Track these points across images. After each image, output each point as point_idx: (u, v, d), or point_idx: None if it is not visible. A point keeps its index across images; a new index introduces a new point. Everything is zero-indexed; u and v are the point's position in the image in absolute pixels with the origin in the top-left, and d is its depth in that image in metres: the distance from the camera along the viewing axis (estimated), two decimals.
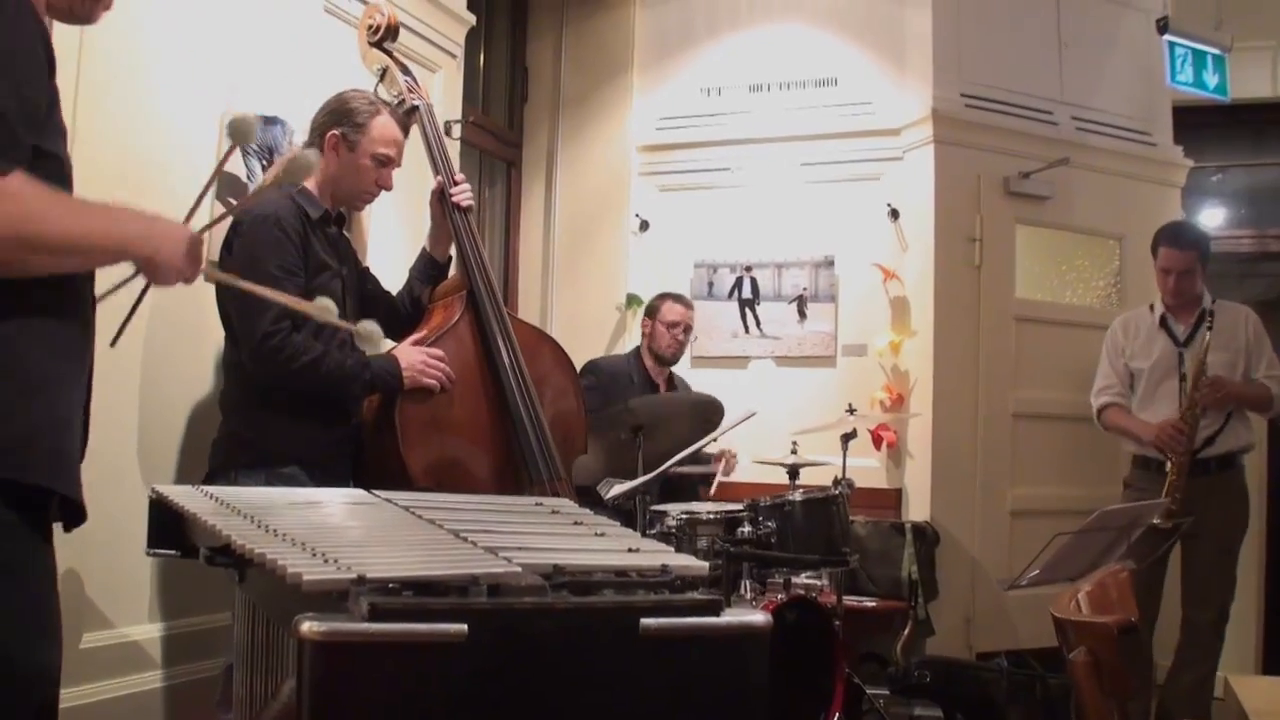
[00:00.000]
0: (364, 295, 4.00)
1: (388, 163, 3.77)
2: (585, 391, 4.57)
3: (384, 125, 3.74)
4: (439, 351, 3.81)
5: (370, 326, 2.86)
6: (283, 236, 3.48)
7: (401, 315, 4.10)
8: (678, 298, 6.20)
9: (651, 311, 6.17)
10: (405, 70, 4.17)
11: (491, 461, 3.88)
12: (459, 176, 4.16)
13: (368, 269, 4.17)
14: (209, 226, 2.64)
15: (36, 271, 2.07)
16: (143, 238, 2.23)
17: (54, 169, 2.17)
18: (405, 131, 3.89)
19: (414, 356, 3.76)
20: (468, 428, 3.83)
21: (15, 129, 2.05)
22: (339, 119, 3.71)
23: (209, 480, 3.46)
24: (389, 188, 3.87)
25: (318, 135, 3.72)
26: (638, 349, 6.22)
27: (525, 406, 3.90)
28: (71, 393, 2.24)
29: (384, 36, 4.16)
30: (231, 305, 3.48)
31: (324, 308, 2.81)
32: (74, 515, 2.27)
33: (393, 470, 3.62)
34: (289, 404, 3.52)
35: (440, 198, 4.11)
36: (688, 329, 6.10)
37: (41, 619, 2.16)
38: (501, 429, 3.86)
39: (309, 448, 3.54)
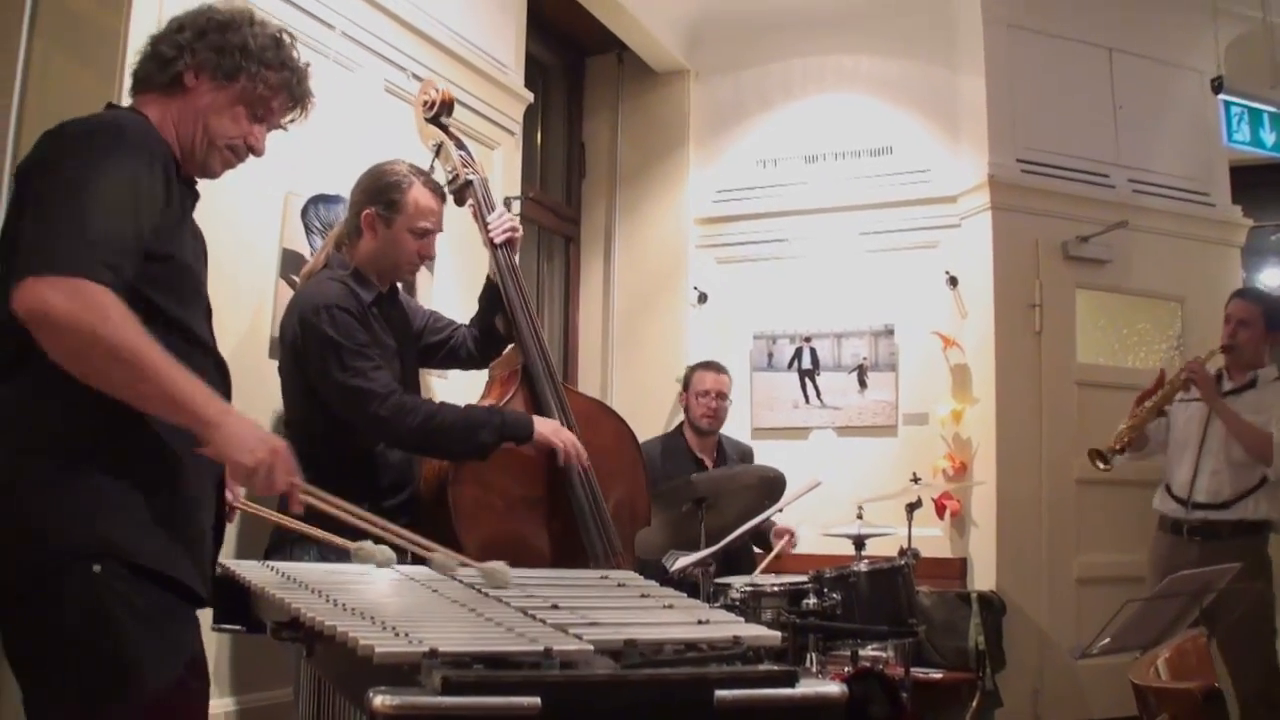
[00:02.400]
0: (422, 351, 4.03)
1: (426, 233, 3.73)
2: None
3: (419, 197, 3.69)
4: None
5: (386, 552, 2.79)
6: (348, 317, 3.49)
7: (476, 344, 4.11)
8: (708, 365, 6.09)
9: (685, 384, 6.09)
10: (460, 145, 4.16)
11: (548, 538, 3.83)
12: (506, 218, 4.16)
13: (430, 313, 4.16)
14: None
15: (102, 380, 2.20)
16: (210, 409, 2.27)
17: (166, 271, 2.42)
18: (443, 198, 3.85)
19: (552, 422, 3.77)
20: (523, 505, 3.78)
21: (126, 254, 2.26)
22: (374, 196, 3.68)
23: (268, 556, 3.45)
24: (431, 256, 3.84)
25: (355, 213, 3.71)
26: (680, 425, 6.12)
27: (581, 481, 3.87)
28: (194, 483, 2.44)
29: (439, 112, 4.15)
30: (327, 385, 3.46)
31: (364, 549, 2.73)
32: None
33: (448, 548, 3.57)
34: (341, 477, 3.44)
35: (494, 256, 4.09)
36: (720, 395, 5.94)
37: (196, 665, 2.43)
38: (558, 505, 3.81)
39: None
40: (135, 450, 2.31)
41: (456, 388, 4.66)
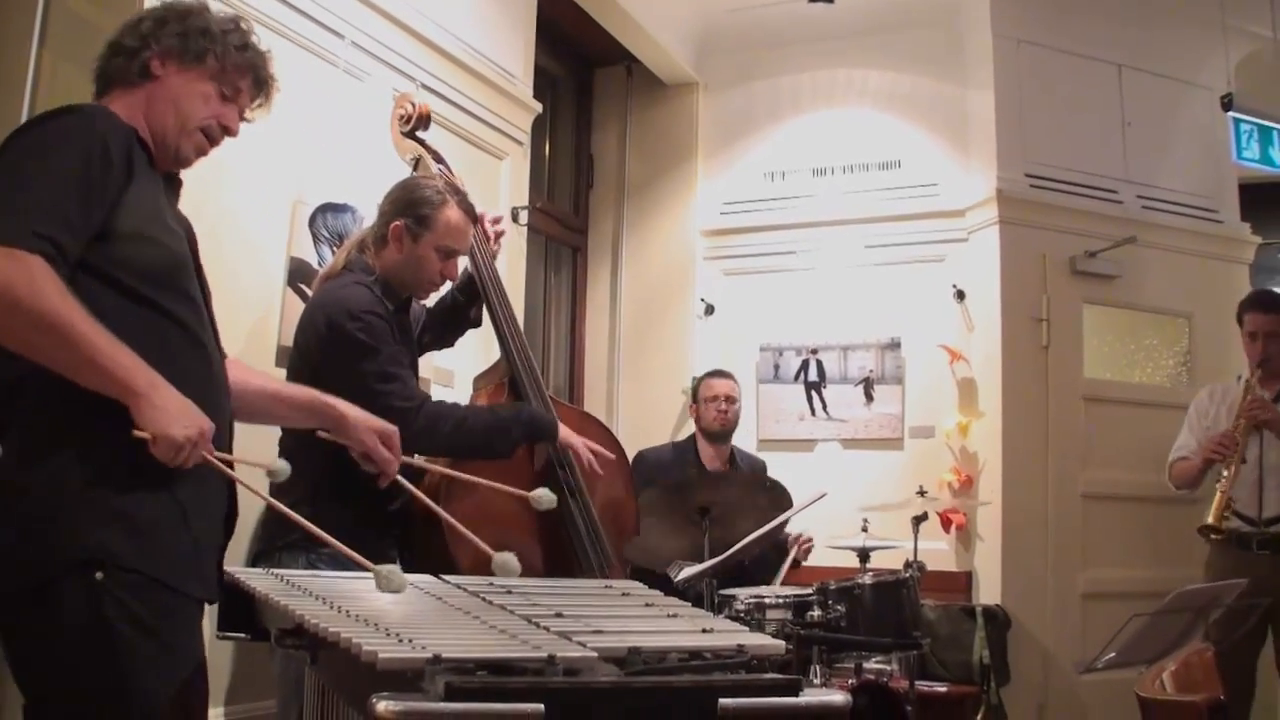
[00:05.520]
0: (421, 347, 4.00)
1: (452, 254, 3.64)
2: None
3: (451, 216, 3.59)
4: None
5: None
6: (382, 324, 3.45)
7: (445, 318, 4.09)
8: (714, 373, 6.16)
9: (694, 395, 6.17)
10: (439, 158, 4.06)
11: (541, 551, 3.79)
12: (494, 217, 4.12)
13: (422, 311, 4.06)
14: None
15: (27, 348, 2.21)
16: (139, 380, 2.26)
17: (137, 249, 2.38)
18: (475, 220, 3.75)
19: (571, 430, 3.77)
20: (515, 519, 3.67)
21: (65, 228, 2.24)
22: (404, 209, 3.58)
23: (255, 562, 3.39)
24: (454, 278, 3.76)
25: (384, 223, 3.61)
26: (692, 436, 6.12)
27: (572, 493, 3.84)
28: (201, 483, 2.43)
29: (416, 126, 4.04)
30: (362, 392, 3.37)
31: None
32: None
33: (440, 565, 3.51)
34: (342, 483, 3.41)
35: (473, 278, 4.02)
36: (729, 399, 5.97)
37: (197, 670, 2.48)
38: (549, 518, 3.72)
39: (351, 529, 3.39)
40: (141, 453, 2.28)
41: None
